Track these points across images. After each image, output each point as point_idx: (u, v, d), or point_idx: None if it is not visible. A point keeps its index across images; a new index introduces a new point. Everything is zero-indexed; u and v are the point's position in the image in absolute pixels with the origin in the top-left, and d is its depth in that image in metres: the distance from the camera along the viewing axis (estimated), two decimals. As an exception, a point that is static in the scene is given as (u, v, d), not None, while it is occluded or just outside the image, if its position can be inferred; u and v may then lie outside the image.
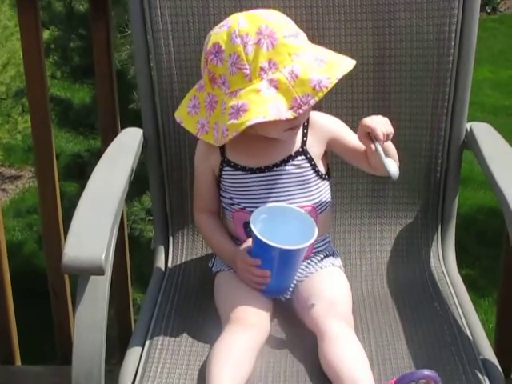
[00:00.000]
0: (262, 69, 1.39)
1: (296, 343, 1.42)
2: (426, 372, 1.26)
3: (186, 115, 1.51)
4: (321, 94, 1.38)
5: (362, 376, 1.28)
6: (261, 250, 1.42)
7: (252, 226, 1.41)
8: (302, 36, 1.45)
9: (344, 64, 1.42)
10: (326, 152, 1.54)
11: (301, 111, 1.38)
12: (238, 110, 1.38)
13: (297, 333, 1.44)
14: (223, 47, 1.41)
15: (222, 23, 1.45)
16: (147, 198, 3.18)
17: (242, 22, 1.41)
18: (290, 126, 1.45)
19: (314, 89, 1.37)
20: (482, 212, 4.15)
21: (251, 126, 1.40)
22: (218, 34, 1.43)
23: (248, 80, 1.39)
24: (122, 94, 2.11)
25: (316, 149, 1.52)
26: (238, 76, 1.40)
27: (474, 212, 4.15)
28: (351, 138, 1.52)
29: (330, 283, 1.49)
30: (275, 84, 1.38)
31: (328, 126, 1.53)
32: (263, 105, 1.37)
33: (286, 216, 1.46)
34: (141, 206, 3.26)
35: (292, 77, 1.38)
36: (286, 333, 1.45)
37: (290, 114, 1.38)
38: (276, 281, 1.45)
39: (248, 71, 1.39)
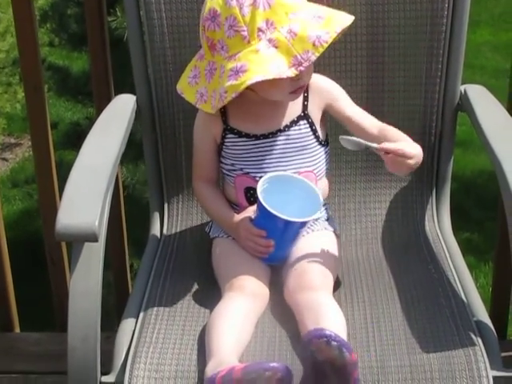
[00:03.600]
0: (259, 29, 1.38)
1: (289, 308, 1.43)
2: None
3: (186, 86, 1.50)
4: (321, 49, 1.36)
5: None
6: (266, 219, 1.42)
7: (259, 196, 1.41)
8: None
9: (342, 18, 1.41)
10: (324, 117, 1.53)
11: (302, 68, 1.37)
12: (237, 72, 1.36)
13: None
14: (219, 11, 1.40)
15: None
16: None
17: None
18: (294, 87, 1.43)
19: (313, 44, 1.36)
20: (482, 176, 4.13)
21: (255, 91, 1.39)
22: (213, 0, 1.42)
23: (246, 42, 1.38)
24: (123, 62, 2.08)
25: (317, 112, 1.51)
26: (235, 39, 1.39)
27: (474, 176, 4.13)
28: (347, 105, 1.52)
29: (308, 249, 1.47)
30: (274, 43, 1.37)
31: (327, 90, 1.52)
32: (263, 64, 1.36)
33: (289, 185, 1.46)
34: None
35: (291, 35, 1.37)
36: (280, 298, 1.46)
37: (291, 72, 1.36)
38: (278, 249, 1.45)
39: (246, 33, 1.38)
